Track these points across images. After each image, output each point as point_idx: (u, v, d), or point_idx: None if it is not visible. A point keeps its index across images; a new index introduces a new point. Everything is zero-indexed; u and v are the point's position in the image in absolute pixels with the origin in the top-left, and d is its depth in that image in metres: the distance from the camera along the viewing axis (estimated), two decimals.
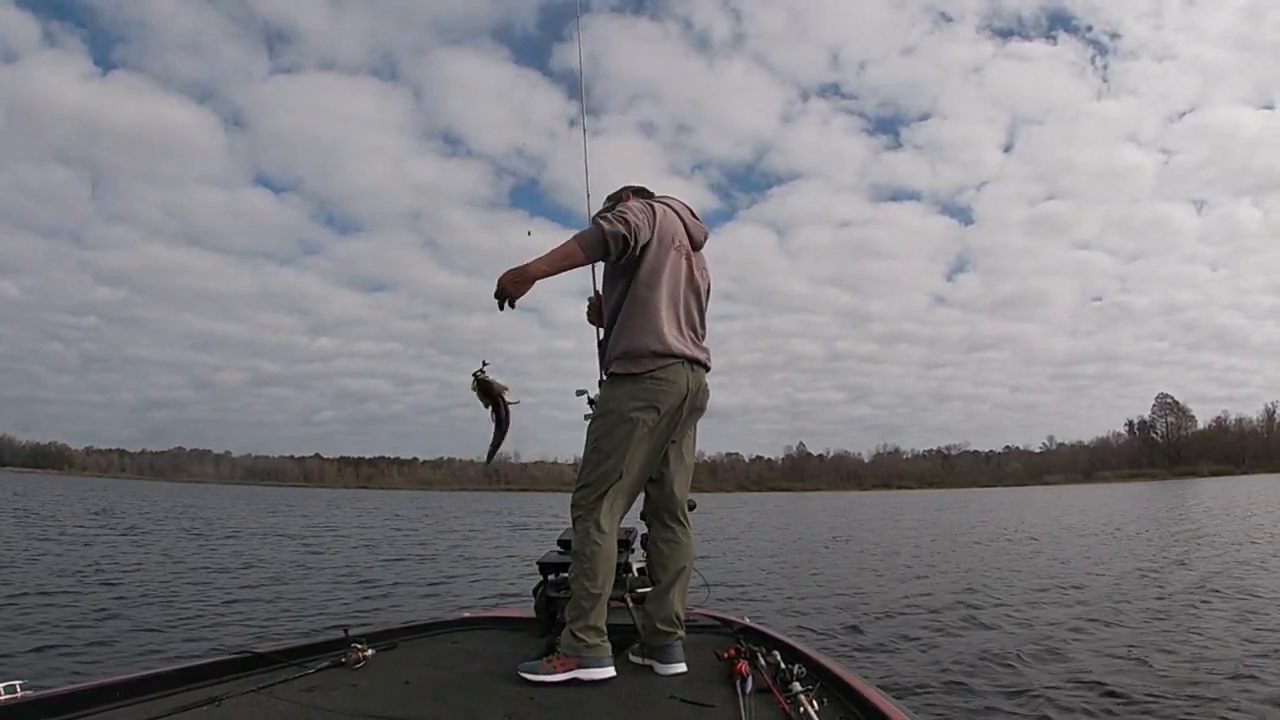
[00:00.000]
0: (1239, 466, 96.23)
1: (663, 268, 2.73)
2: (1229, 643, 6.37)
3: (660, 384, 2.67)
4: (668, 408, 2.68)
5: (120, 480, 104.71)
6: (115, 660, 5.77)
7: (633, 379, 2.69)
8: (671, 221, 2.80)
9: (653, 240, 2.71)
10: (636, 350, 2.68)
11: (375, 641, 2.82)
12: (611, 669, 2.52)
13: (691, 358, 2.75)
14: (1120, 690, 5.05)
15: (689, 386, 2.72)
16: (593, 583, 2.58)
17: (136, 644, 6.32)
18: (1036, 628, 7.22)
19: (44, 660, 5.67)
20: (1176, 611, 7.86)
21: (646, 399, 2.66)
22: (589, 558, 2.60)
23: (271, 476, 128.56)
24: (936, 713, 4.71)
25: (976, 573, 11.70)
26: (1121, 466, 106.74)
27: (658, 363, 2.67)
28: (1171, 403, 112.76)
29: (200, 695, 2.16)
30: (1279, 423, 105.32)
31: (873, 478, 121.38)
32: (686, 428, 2.84)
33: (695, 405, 2.79)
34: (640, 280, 2.72)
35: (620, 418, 2.66)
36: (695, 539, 2.88)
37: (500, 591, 10.06)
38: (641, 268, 2.72)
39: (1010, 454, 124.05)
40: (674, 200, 2.92)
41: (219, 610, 8.02)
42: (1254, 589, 9.11)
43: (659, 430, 2.70)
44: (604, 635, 2.58)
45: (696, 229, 2.90)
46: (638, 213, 2.68)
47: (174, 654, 5.91)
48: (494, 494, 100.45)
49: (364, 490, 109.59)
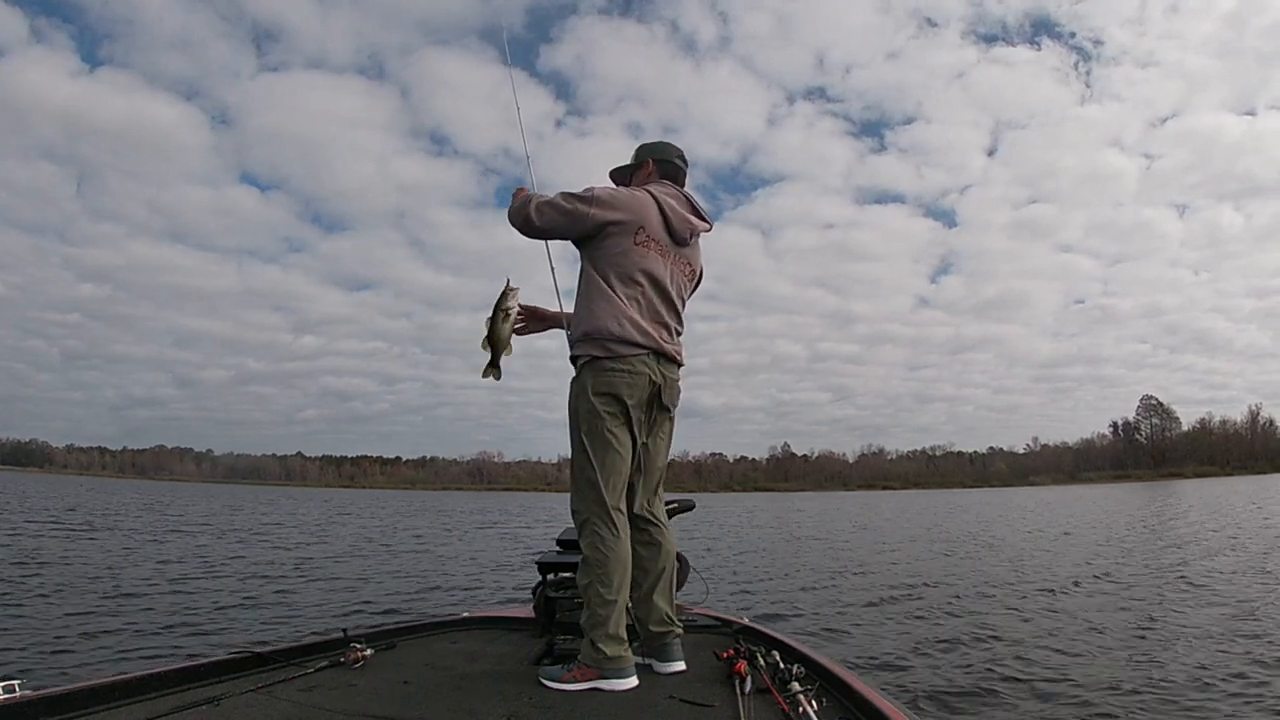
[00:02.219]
0: (1223, 468, 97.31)
1: (623, 254, 2.69)
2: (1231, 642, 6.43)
3: (621, 374, 2.62)
4: (635, 399, 2.64)
5: (101, 479, 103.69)
6: (114, 660, 5.72)
7: (593, 365, 2.64)
8: (646, 213, 2.72)
9: (621, 225, 2.68)
10: (596, 332, 2.64)
11: (374, 641, 2.81)
12: (634, 679, 2.44)
13: (658, 350, 2.69)
14: (1120, 690, 5.10)
15: (657, 379, 2.68)
16: (608, 589, 2.49)
17: (135, 644, 6.27)
18: (1036, 628, 7.24)
19: (44, 660, 5.62)
20: (1175, 611, 7.89)
21: (609, 389, 2.62)
22: (600, 563, 2.52)
23: (253, 475, 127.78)
24: (936, 712, 4.73)
25: (975, 572, 11.74)
26: (1106, 467, 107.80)
27: (619, 349, 2.62)
28: (1156, 404, 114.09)
29: (199, 695, 2.15)
30: (1263, 424, 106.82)
31: (857, 478, 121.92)
32: (657, 426, 2.79)
33: (667, 398, 2.75)
34: (595, 266, 2.71)
35: (592, 413, 2.62)
36: (693, 539, 2.88)
37: (499, 591, 10.06)
38: (597, 253, 2.71)
39: (995, 455, 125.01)
40: (670, 191, 2.85)
41: (218, 611, 7.96)
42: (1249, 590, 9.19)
43: (633, 422, 2.65)
44: (624, 643, 2.48)
45: (681, 224, 2.80)
46: (569, 201, 2.67)
47: (173, 654, 5.87)
48: (478, 493, 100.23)
49: (347, 489, 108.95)
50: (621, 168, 3.03)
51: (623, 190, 2.79)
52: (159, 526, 20.79)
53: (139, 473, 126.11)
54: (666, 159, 2.95)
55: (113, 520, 22.40)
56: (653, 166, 2.94)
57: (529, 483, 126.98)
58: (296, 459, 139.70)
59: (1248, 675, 5.32)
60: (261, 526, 22.59)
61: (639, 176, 2.96)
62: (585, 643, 2.48)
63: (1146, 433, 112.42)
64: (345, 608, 8.44)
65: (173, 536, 17.51)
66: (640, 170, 2.96)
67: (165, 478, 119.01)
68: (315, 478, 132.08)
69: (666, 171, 2.93)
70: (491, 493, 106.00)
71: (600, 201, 2.67)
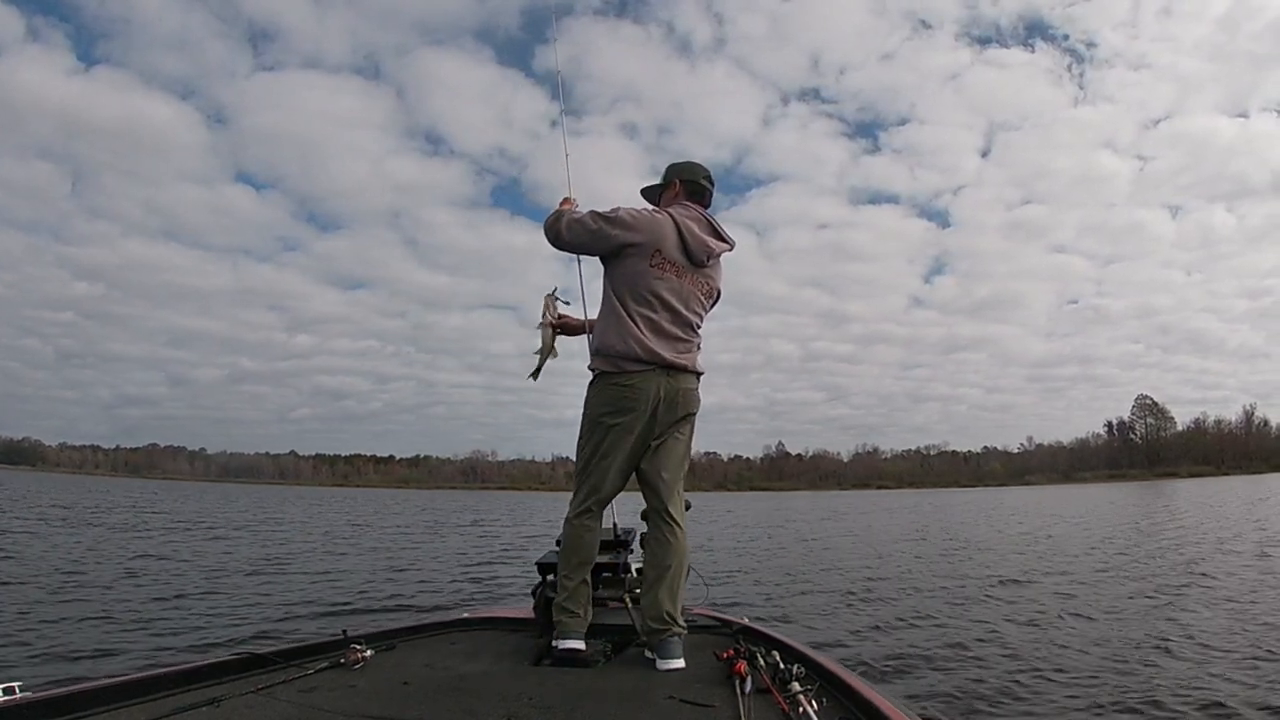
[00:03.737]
0: (1218, 468, 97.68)
1: (638, 275, 2.85)
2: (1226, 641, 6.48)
3: (626, 390, 2.82)
4: (637, 412, 2.81)
5: (94, 477, 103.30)
6: (114, 662, 5.73)
7: (602, 380, 2.88)
8: (664, 236, 2.86)
9: (639, 247, 2.84)
10: (605, 349, 2.86)
11: (374, 642, 2.81)
12: (576, 643, 2.77)
13: (668, 363, 2.84)
14: (1122, 688, 5.13)
15: (661, 393, 2.83)
16: (565, 570, 2.87)
17: (135, 645, 6.28)
18: (1036, 629, 7.29)
19: (44, 661, 5.62)
20: (1174, 613, 7.91)
21: (614, 404, 2.83)
22: (565, 549, 2.90)
23: (247, 474, 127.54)
24: (936, 712, 4.74)
25: (975, 573, 11.80)
26: (1101, 467, 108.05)
27: (624, 365, 2.82)
28: (1151, 404, 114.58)
29: (200, 696, 2.15)
30: (1257, 424, 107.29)
31: (852, 477, 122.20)
32: (672, 430, 2.92)
33: (674, 409, 2.88)
34: (613, 284, 2.90)
35: (593, 421, 2.88)
36: (690, 539, 2.92)
37: (499, 591, 10.08)
38: (616, 271, 2.89)
39: (990, 454, 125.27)
40: (693, 214, 2.98)
41: (218, 611, 7.96)
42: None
43: (630, 433, 2.83)
44: (572, 615, 2.81)
45: (699, 246, 2.92)
46: (596, 221, 2.86)
47: (173, 655, 5.86)
48: (473, 492, 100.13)
49: (341, 488, 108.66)
50: (652, 186, 3.19)
51: (644, 213, 2.91)
52: (155, 526, 20.77)
53: (132, 471, 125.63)
54: (693, 179, 3.09)
55: (107, 519, 22.35)
56: (680, 187, 3.09)
57: (523, 482, 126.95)
58: (290, 458, 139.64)
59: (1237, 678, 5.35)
60: (261, 527, 22.58)
61: (666, 196, 3.12)
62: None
63: (1141, 432, 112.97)
64: (345, 608, 8.45)
65: (172, 537, 17.47)
66: (668, 190, 3.12)
67: (158, 476, 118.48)
68: (309, 476, 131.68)
69: (692, 191, 3.08)
70: (485, 491, 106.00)
71: (622, 223, 2.84)
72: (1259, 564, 11.74)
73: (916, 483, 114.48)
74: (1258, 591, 9.05)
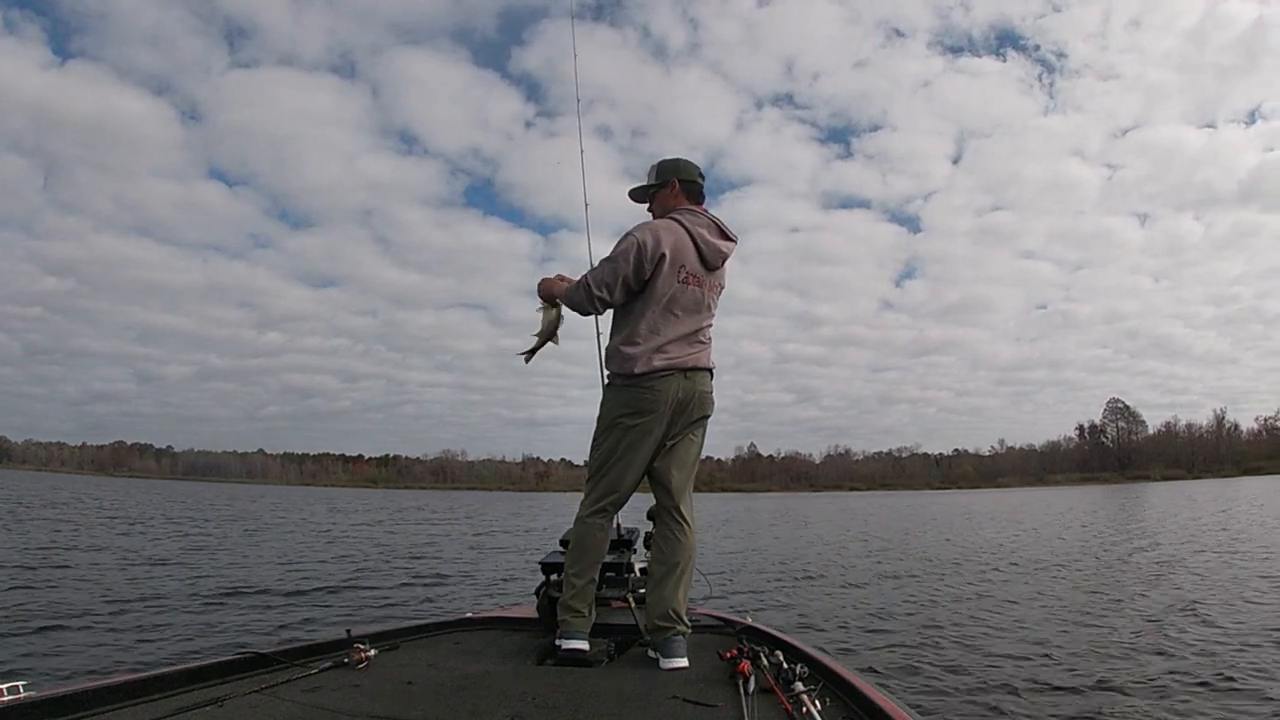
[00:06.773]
0: (1190, 471, 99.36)
1: (663, 288, 2.80)
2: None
3: (645, 392, 2.80)
4: (656, 414, 2.81)
5: (60, 475, 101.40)
6: (117, 661, 5.68)
7: (621, 384, 2.86)
8: (682, 247, 2.83)
9: (663, 264, 2.78)
10: (625, 356, 2.82)
11: (378, 642, 2.80)
12: (580, 643, 2.78)
13: (687, 367, 2.85)
14: (1120, 688, 5.20)
15: (678, 394, 2.83)
16: (574, 569, 2.86)
17: (138, 645, 6.23)
18: (1037, 629, 7.35)
19: (48, 662, 5.57)
20: (1179, 615, 7.95)
21: (633, 405, 2.82)
22: (574, 547, 2.90)
23: (214, 472, 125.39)
24: (940, 712, 4.78)
25: (975, 573, 11.92)
26: (1072, 470, 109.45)
27: (645, 368, 2.79)
28: (1122, 408, 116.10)
29: (203, 696, 2.13)
30: (1228, 428, 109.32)
31: (824, 479, 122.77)
32: (686, 431, 2.91)
33: (690, 411, 2.88)
34: (638, 296, 2.84)
35: (610, 423, 2.87)
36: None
37: (502, 590, 10.06)
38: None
39: (961, 457, 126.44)
40: (702, 221, 2.92)
41: (220, 611, 7.89)
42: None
43: (649, 434, 2.83)
44: (578, 614, 2.81)
45: (713, 253, 2.91)
46: (622, 262, 2.77)
47: (177, 655, 5.82)
48: (442, 492, 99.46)
49: (307, 487, 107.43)
50: (644, 187, 3.06)
51: (660, 231, 2.82)
52: (149, 525, 20.44)
53: (98, 469, 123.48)
54: (690, 179, 3.00)
55: (100, 519, 21.98)
56: (679, 188, 2.98)
57: (492, 482, 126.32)
58: (258, 456, 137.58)
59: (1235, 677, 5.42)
60: (260, 526, 22.36)
61: (662, 196, 3.01)
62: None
63: (1113, 435, 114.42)
64: (348, 608, 8.41)
65: (170, 536, 17.26)
66: (664, 190, 3.00)
67: (124, 474, 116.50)
68: (276, 475, 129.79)
69: (691, 192, 2.99)
70: (455, 491, 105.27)
71: (647, 247, 2.76)
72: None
73: (889, 485, 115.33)
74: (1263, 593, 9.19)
